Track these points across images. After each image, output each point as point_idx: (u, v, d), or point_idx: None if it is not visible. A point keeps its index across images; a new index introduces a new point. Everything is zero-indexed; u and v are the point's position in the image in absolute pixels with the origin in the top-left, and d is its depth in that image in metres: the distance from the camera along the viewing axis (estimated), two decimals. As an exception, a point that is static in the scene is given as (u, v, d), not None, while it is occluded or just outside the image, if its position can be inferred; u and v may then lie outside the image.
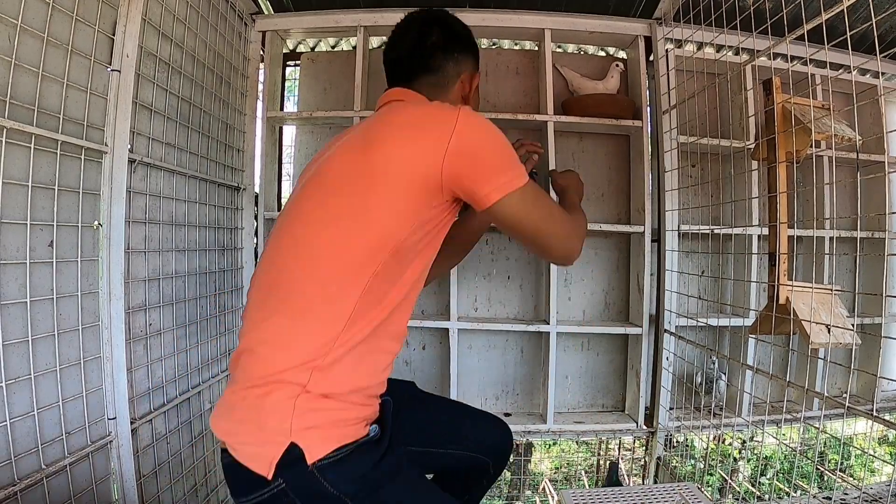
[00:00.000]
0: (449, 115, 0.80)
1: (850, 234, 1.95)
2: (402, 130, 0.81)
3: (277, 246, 0.86)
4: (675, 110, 1.78)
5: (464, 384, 1.97)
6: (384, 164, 0.78)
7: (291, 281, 0.80)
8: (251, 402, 0.76)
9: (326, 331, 0.77)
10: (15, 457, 0.94)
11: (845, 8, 1.01)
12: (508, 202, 0.82)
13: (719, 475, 2.05)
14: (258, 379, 0.77)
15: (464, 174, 0.79)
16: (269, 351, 0.78)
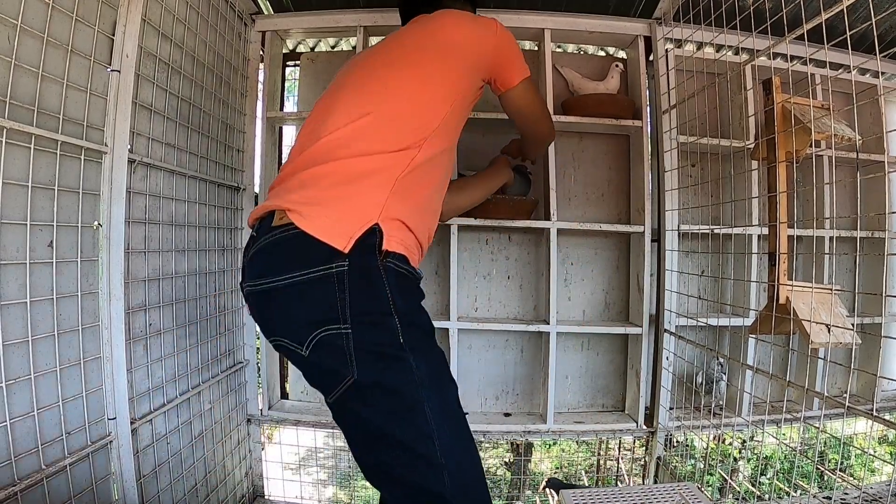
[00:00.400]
0: (491, 20, 1.09)
1: (850, 234, 1.95)
2: (463, 20, 1.05)
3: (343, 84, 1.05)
4: (674, 110, 1.78)
5: (464, 384, 1.97)
6: (453, 40, 1.02)
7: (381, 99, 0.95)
8: (349, 171, 0.85)
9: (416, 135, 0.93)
10: (15, 457, 0.94)
11: (845, 8, 1.01)
12: (524, 85, 1.15)
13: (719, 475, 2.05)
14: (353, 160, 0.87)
15: (501, 60, 1.09)
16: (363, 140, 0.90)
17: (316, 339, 0.76)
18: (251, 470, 1.94)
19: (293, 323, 0.79)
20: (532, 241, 2.01)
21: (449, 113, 0.98)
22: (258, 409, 1.90)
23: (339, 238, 0.77)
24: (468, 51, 1.03)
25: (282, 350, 0.85)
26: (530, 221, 1.81)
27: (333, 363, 0.76)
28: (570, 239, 2.00)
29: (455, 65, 1.01)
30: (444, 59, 1.01)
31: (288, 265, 0.78)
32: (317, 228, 0.78)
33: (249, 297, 0.87)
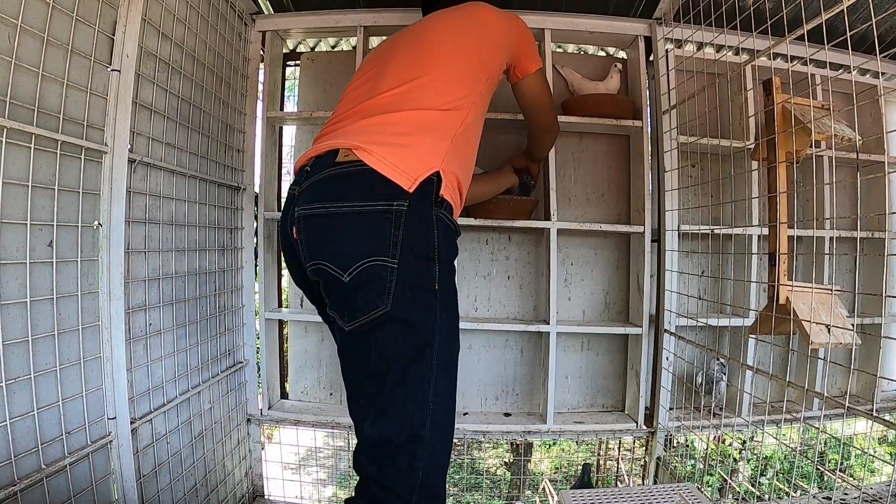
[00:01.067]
0: (514, 14, 1.21)
1: (850, 234, 1.95)
2: (493, 8, 1.16)
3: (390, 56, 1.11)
4: (675, 110, 1.78)
5: (464, 384, 1.97)
6: (488, 20, 1.15)
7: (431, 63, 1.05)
8: (405, 127, 0.93)
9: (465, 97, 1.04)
10: (15, 457, 0.94)
11: (845, 8, 1.01)
12: (538, 74, 1.27)
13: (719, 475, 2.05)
14: (418, 105, 0.98)
15: (523, 48, 1.21)
16: (422, 97, 0.99)
17: (361, 267, 0.80)
18: (251, 470, 1.94)
19: (345, 248, 0.82)
20: (532, 242, 2.01)
21: (486, 84, 1.10)
22: (258, 408, 1.90)
23: (405, 179, 0.84)
24: (501, 31, 1.16)
25: (317, 274, 0.87)
26: (530, 221, 1.81)
27: (371, 292, 0.81)
28: (570, 239, 2.00)
29: (490, 41, 1.13)
30: (480, 35, 1.12)
31: (352, 195, 0.83)
32: (385, 167, 0.84)
33: (300, 220, 0.89)
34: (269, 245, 1.92)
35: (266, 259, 1.89)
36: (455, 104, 1.01)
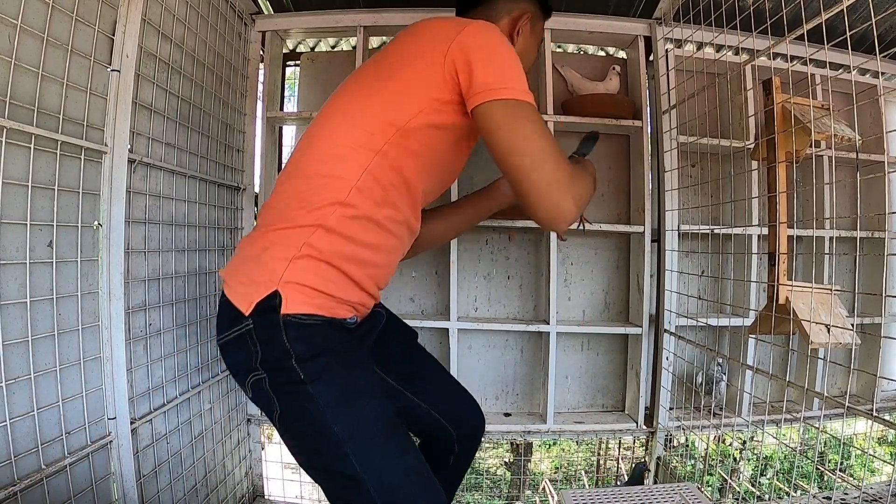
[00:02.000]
0: (460, 20, 0.90)
1: (850, 234, 1.95)
2: (427, 24, 0.93)
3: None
4: (674, 110, 1.78)
5: (464, 384, 1.97)
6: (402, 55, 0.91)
7: (313, 148, 0.91)
8: (258, 246, 0.87)
9: (335, 192, 0.86)
10: (15, 457, 0.94)
11: (845, 8, 1.01)
12: (495, 109, 0.82)
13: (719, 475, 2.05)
14: (268, 227, 0.88)
15: (469, 70, 0.83)
16: (283, 204, 0.89)
17: (249, 383, 0.86)
18: (251, 470, 1.94)
19: (236, 371, 0.90)
20: (532, 241, 2.01)
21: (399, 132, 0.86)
22: (258, 409, 1.90)
23: (245, 303, 0.84)
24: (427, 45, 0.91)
25: None
26: (530, 222, 1.81)
27: (265, 403, 0.86)
28: (570, 239, 1.99)
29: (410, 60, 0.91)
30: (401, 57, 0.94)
31: (221, 326, 0.89)
32: (233, 295, 0.86)
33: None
34: (269, 245, 1.92)
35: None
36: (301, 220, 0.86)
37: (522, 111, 0.82)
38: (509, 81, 0.82)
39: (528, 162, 0.81)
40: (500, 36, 0.87)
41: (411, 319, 1.86)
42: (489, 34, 0.86)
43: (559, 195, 0.83)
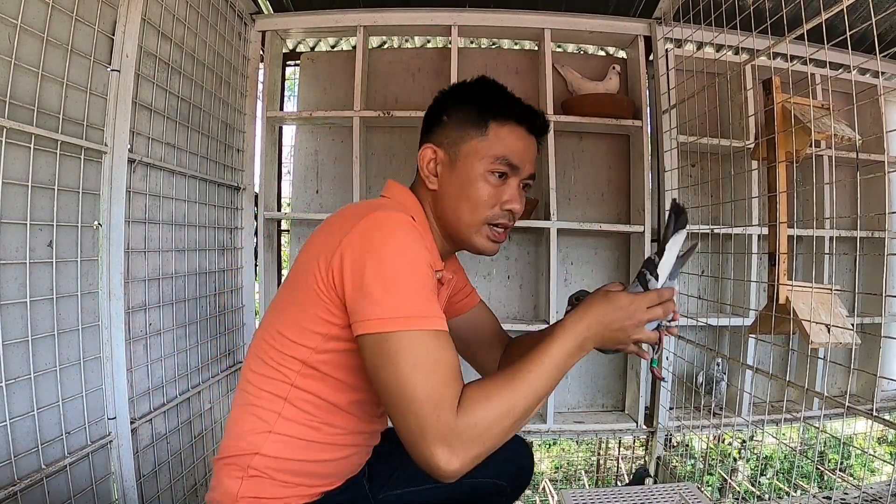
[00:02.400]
0: (346, 225, 0.73)
1: (850, 234, 1.95)
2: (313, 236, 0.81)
3: None
4: (674, 110, 1.78)
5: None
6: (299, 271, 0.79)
7: (248, 364, 0.84)
8: (220, 458, 0.83)
9: (263, 422, 0.79)
10: (15, 456, 0.94)
11: (845, 8, 1.01)
12: (365, 343, 0.68)
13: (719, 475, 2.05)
14: (217, 460, 0.83)
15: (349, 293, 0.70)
16: (225, 436, 0.84)
17: None
18: (251, 470, 1.94)
19: None
20: (532, 241, 2.01)
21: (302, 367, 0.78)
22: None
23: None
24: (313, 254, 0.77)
25: None
26: (530, 221, 1.81)
27: None
28: (570, 239, 2.00)
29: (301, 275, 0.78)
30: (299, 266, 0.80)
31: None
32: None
33: None
34: (269, 245, 1.92)
35: (266, 259, 1.89)
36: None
37: (390, 345, 0.66)
38: (377, 306, 0.67)
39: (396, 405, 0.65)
40: (383, 237, 0.70)
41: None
42: (366, 240, 0.70)
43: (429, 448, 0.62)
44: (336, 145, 2.01)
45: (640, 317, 0.76)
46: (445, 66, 1.90)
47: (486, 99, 0.87)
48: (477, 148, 0.84)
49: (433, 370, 0.66)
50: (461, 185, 0.85)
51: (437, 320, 0.69)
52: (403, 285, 0.69)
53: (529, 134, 0.89)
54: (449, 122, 0.87)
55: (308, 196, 2.03)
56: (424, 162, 0.88)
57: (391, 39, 2.22)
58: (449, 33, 1.86)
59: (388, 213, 0.74)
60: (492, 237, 0.87)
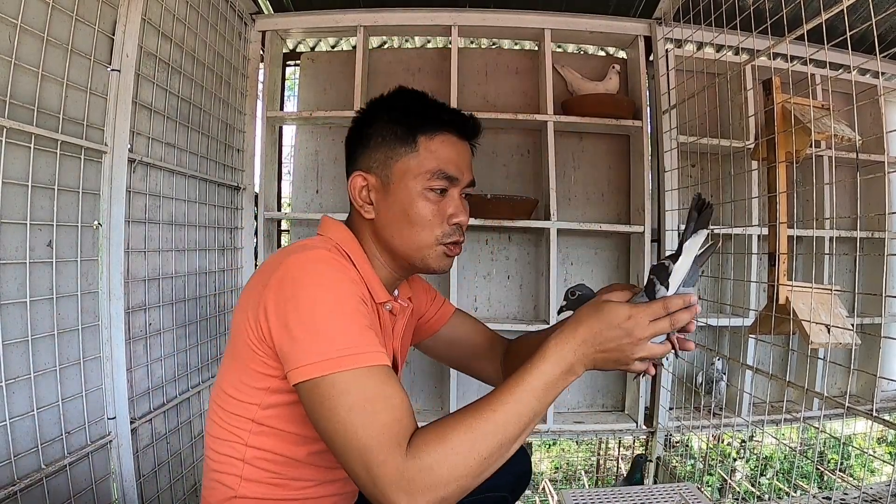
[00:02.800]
0: (266, 274, 0.70)
1: (850, 234, 1.95)
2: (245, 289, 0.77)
3: None
4: (674, 110, 1.78)
5: (464, 384, 1.97)
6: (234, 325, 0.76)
7: (208, 419, 0.82)
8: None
9: (227, 488, 0.77)
10: (15, 456, 0.94)
11: (845, 8, 1.01)
12: (301, 392, 0.64)
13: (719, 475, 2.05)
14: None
15: (280, 344, 0.66)
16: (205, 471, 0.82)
17: None
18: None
19: None
20: (532, 241, 2.01)
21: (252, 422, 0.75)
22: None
23: None
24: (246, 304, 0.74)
25: None
26: (530, 221, 1.81)
27: None
28: (570, 239, 2.00)
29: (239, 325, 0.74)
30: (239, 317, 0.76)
31: None
32: None
33: None
34: (269, 245, 1.92)
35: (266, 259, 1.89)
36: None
37: (323, 390, 0.62)
38: (304, 352, 0.63)
39: (341, 454, 0.61)
40: (300, 279, 0.67)
41: (411, 319, 1.86)
42: (285, 286, 0.67)
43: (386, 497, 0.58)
44: (336, 145, 2.01)
45: (641, 334, 0.64)
46: (445, 66, 1.90)
47: (410, 112, 0.81)
48: (409, 166, 0.79)
49: (374, 410, 0.60)
50: (401, 209, 0.79)
51: (371, 355, 0.64)
52: (327, 325, 0.64)
53: (461, 140, 0.84)
54: (374, 145, 0.82)
55: (308, 196, 2.03)
56: (356, 191, 0.82)
57: (391, 39, 2.22)
58: (449, 33, 1.86)
59: (305, 253, 0.71)
60: (448, 253, 0.83)
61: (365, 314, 0.68)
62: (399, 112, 0.82)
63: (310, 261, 0.69)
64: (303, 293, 0.66)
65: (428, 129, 0.80)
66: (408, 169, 0.79)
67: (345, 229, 0.84)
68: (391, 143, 0.80)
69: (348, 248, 0.80)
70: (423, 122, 0.80)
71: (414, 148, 0.79)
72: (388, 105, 0.84)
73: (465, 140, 0.84)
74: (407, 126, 0.80)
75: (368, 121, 0.85)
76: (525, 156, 2.01)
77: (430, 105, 0.83)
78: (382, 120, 0.82)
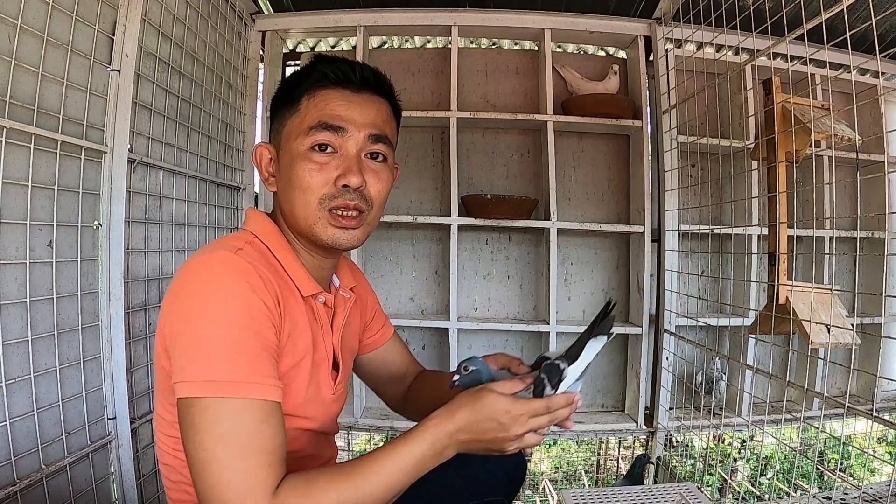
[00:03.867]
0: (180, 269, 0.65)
1: (850, 234, 1.95)
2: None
3: None
4: (674, 110, 1.78)
5: (464, 384, 1.97)
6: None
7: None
8: None
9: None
10: (15, 457, 0.94)
11: (845, 8, 1.01)
12: (178, 409, 0.59)
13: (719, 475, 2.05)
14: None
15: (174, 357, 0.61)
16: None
17: None
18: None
19: None
20: (532, 241, 2.01)
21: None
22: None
23: None
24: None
25: None
26: (530, 221, 1.81)
27: None
28: (570, 239, 2.00)
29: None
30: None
31: None
32: None
33: None
34: (269, 245, 1.92)
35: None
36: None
37: (195, 412, 0.57)
38: (184, 369, 0.59)
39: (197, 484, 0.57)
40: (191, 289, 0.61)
41: (411, 319, 1.86)
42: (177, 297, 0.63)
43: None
44: (336, 145, 2.01)
45: (518, 430, 0.64)
46: (445, 66, 1.90)
47: (297, 77, 0.76)
48: (292, 127, 0.73)
49: (244, 448, 0.56)
50: (286, 173, 0.72)
51: (256, 387, 0.58)
52: (213, 342, 0.58)
53: (356, 92, 0.74)
54: (273, 116, 0.78)
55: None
56: (263, 164, 0.77)
57: (391, 39, 2.22)
58: (449, 33, 1.86)
59: (203, 256, 0.63)
60: (335, 223, 0.71)
61: (261, 331, 0.61)
62: (290, 79, 0.77)
63: (205, 264, 0.62)
64: (189, 302, 0.60)
65: (310, 87, 0.73)
66: (291, 131, 0.73)
67: (265, 219, 0.76)
68: (281, 111, 0.76)
69: (268, 240, 0.73)
70: (305, 81, 0.74)
71: (296, 108, 0.73)
72: (286, 77, 0.81)
73: (363, 93, 0.74)
74: (293, 90, 0.75)
75: (274, 97, 0.79)
76: (525, 156, 2.01)
77: (318, 64, 0.74)
78: (279, 91, 0.78)
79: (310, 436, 0.77)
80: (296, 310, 0.71)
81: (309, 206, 0.71)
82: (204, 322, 0.59)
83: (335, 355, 0.80)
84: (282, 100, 0.76)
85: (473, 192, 1.89)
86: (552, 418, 0.67)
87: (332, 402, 0.79)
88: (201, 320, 0.59)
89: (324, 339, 0.77)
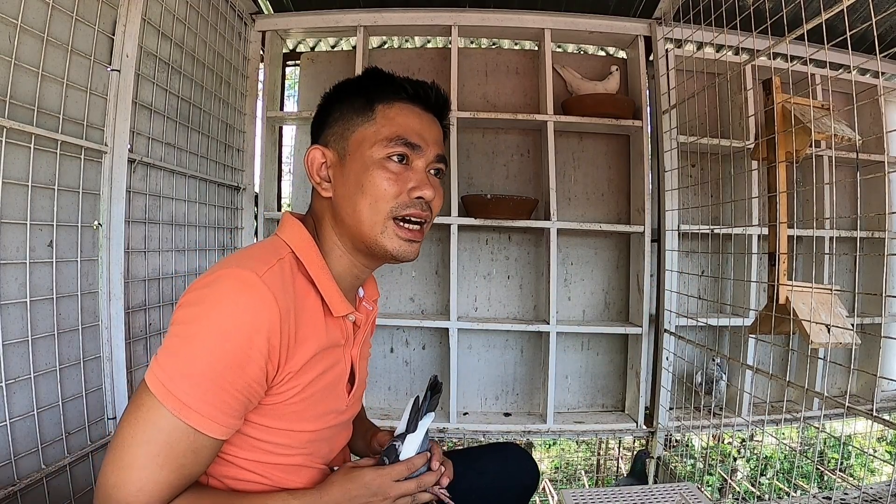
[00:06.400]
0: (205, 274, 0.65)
1: (850, 234, 1.95)
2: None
3: None
4: (674, 110, 1.78)
5: (464, 384, 1.97)
6: None
7: None
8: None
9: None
10: (15, 457, 0.94)
11: (845, 8, 1.01)
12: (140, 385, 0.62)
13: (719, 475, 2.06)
14: None
15: None
16: None
17: None
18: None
19: None
20: (532, 241, 2.01)
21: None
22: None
23: None
24: None
25: None
26: (530, 221, 1.81)
27: None
28: (570, 239, 2.00)
29: None
30: None
31: None
32: None
33: None
34: (269, 245, 1.92)
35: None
36: None
37: (139, 403, 0.60)
38: (164, 366, 0.60)
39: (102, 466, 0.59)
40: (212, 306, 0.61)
41: (411, 319, 1.86)
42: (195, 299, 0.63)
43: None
44: (336, 145, 2.01)
45: (389, 492, 0.72)
46: (445, 66, 1.90)
47: (371, 83, 0.76)
48: (366, 135, 0.73)
49: (164, 463, 0.58)
50: (356, 179, 0.72)
51: (210, 424, 0.59)
52: (196, 366, 0.59)
53: (426, 111, 0.77)
54: (333, 121, 0.77)
55: (308, 196, 2.02)
56: (315, 168, 0.76)
57: (391, 39, 2.22)
58: (449, 33, 1.87)
59: (230, 270, 0.62)
60: (402, 235, 0.72)
61: (248, 370, 0.61)
62: (361, 85, 0.77)
63: (228, 279, 0.62)
64: (198, 311, 0.61)
65: (386, 98, 0.74)
66: (364, 138, 0.73)
67: (301, 230, 0.74)
68: (349, 116, 0.75)
69: (303, 254, 0.72)
70: (382, 90, 0.75)
71: (371, 116, 0.73)
72: (352, 82, 0.79)
73: (429, 112, 0.77)
74: (366, 97, 0.75)
75: (332, 97, 0.79)
76: (525, 156, 2.01)
77: (394, 77, 0.77)
78: (343, 94, 0.78)
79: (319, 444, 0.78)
80: (320, 333, 0.71)
81: (379, 214, 0.71)
82: (200, 339, 0.60)
83: (353, 368, 0.80)
84: (346, 103, 0.76)
85: (473, 192, 1.89)
86: (420, 483, 0.75)
87: (344, 410, 0.80)
88: (199, 336, 0.60)
89: (345, 354, 0.77)
